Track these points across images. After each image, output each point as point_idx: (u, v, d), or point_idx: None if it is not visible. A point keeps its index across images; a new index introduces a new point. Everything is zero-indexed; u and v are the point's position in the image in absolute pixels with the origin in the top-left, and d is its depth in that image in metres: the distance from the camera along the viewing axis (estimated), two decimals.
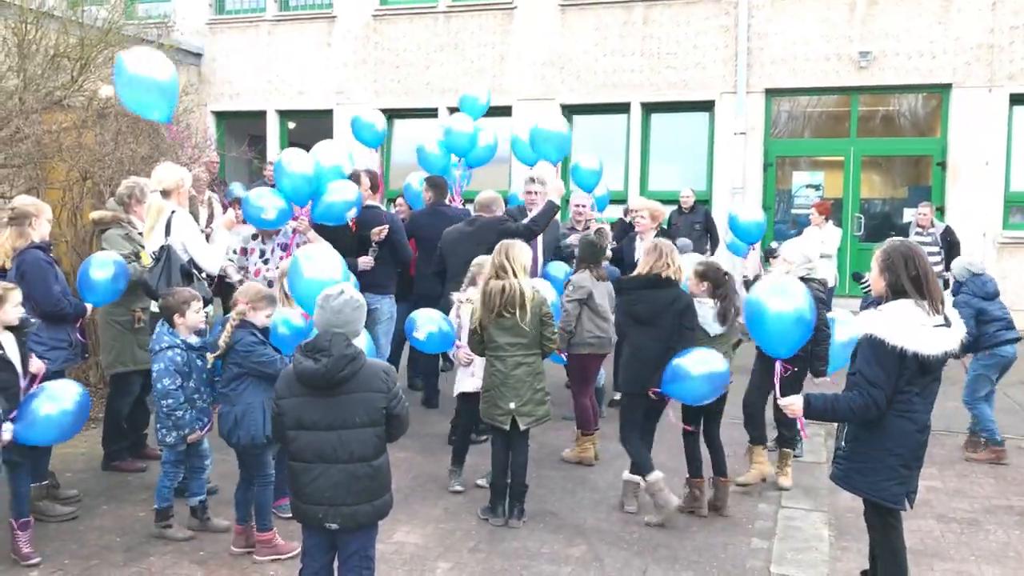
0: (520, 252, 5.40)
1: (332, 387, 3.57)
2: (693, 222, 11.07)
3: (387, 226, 7.03)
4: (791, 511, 5.63)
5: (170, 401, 4.87)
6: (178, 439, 4.97)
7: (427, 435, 6.92)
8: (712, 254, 11.14)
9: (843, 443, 3.98)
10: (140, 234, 5.94)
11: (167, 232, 5.55)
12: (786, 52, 12.79)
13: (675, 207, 11.38)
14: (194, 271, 5.58)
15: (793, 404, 4.01)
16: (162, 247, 5.51)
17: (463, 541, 5.14)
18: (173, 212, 5.61)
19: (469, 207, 7.76)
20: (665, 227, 8.70)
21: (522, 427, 5.39)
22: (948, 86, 12.27)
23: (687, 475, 5.68)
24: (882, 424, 3.78)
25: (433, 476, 6.06)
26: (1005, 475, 6.48)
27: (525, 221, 7.05)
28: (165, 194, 5.66)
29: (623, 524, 5.41)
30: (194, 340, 5.01)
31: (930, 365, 3.72)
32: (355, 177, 7.03)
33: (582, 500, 5.82)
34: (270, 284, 6.58)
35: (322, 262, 4.77)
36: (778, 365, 4.67)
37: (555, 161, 7.84)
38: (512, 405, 5.34)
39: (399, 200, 9.06)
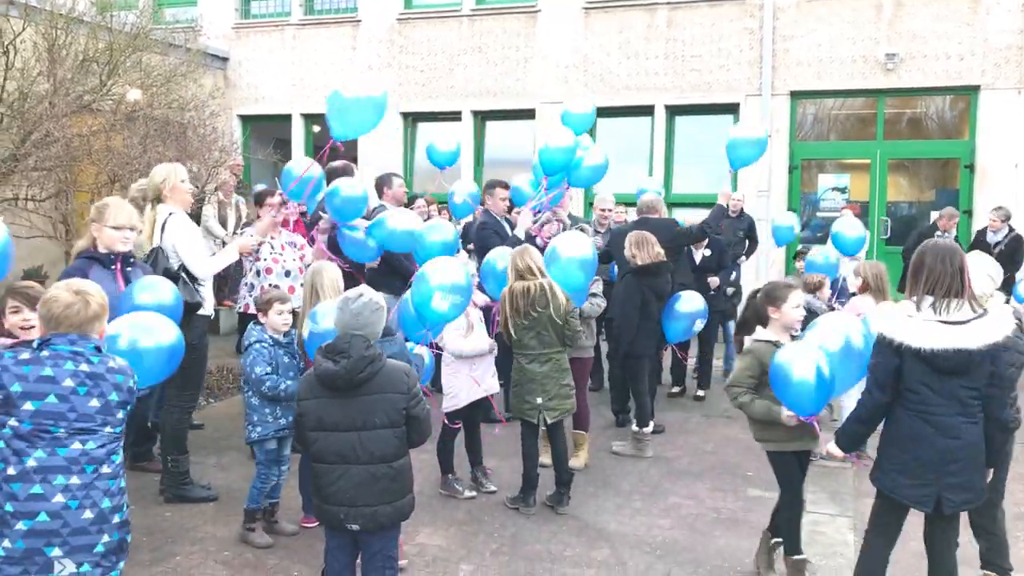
0: (538, 254, 5.72)
1: (352, 388, 3.61)
2: (738, 228, 10.99)
3: None
4: (816, 516, 5.59)
5: (268, 383, 4.90)
6: (264, 434, 4.98)
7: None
8: (747, 259, 11.10)
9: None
10: None
11: (162, 234, 5.53)
12: (811, 54, 12.69)
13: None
14: (183, 275, 5.48)
15: (833, 450, 4.10)
16: (152, 249, 5.51)
17: (486, 543, 5.16)
18: (171, 214, 5.55)
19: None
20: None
21: (549, 421, 5.61)
22: (976, 88, 12.13)
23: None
24: (897, 421, 3.77)
25: (456, 479, 6.07)
26: None
27: (698, 223, 7.70)
28: (158, 200, 5.60)
29: (647, 528, 5.41)
30: (281, 338, 5.08)
31: (935, 361, 3.60)
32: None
33: (605, 503, 5.81)
34: (287, 273, 6.69)
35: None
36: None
37: (736, 168, 7.65)
38: (539, 400, 5.56)
39: (418, 202, 9.04)
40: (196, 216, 8.41)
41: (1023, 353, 4.17)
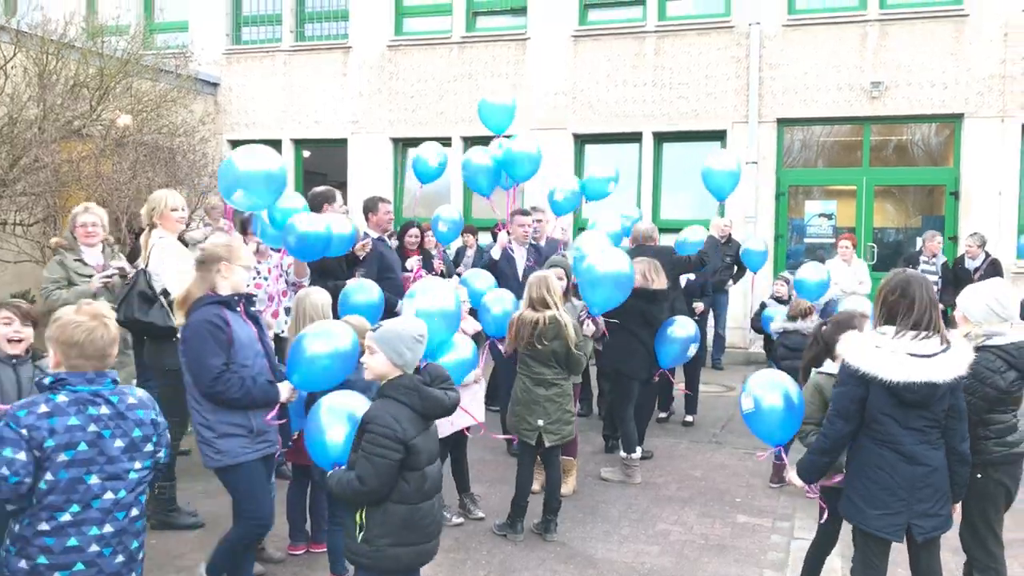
0: (557, 283, 5.79)
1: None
2: (725, 253, 11.04)
3: (370, 239, 7.14)
4: (804, 543, 5.56)
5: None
6: None
7: None
8: (735, 283, 11.19)
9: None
10: (77, 261, 5.94)
11: (149, 258, 5.58)
12: (797, 82, 12.84)
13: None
14: (161, 298, 5.50)
15: (795, 480, 4.08)
16: (136, 271, 5.55)
17: (473, 570, 5.13)
18: (160, 239, 5.63)
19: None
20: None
21: (547, 444, 5.62)
22: (960, 116, 12.28)
23: None
24: (862, 450, 3.77)
25: (444, 505, 6.04)
26: (1021, 508, 6.40)
27: (696, 253, 7.81)
28: (152, 227, 5.68)
29: (635, 555, 5.39)
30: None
31: (901, 393, 3.60)
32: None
33: (592, 530, 5.80)
34: (271, 298, 6.68)
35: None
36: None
37: (722, 199, 8.11)
38: (540, 422, 5.58)
39: (412, 231, 9.00)
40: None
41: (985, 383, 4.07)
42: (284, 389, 4.28)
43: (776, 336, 7.70)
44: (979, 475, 4.10)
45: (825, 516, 4.32)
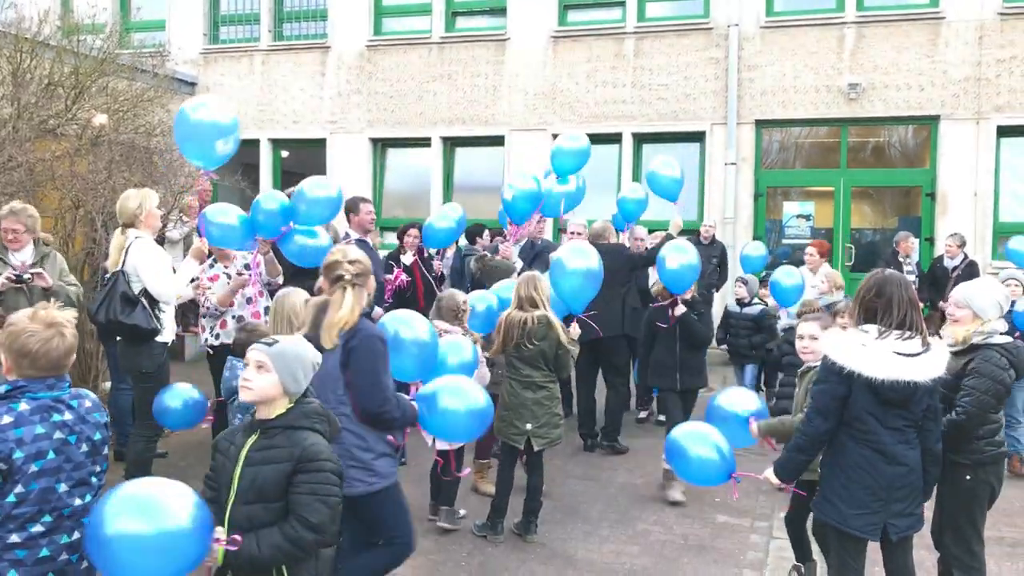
0: (546, 284, 5.74)
1: None
2: (711, 255, 11.02)
3: (352, 240, 7.08)
4: (783, 542, 5.59)
5: None
6: None
7: (417, 466, 6.90)
8: (718, 290, 11.19)
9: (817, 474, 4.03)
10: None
11: (126, 258, 5.51)
12: (776, 84, 12.91)
13: (691, 237, 11.19)
14: (142, 300, 5.46)
15: (771, 477, 4.09)
16: (112, 273, 5.49)
17: (454, 572, 5.12)
18: (137, 238, 5.54)
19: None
20: None
21: (536, 448, 5.60)
22: (936, 118, 12.39)
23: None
24: (843, 449, 3.77)
25: (423, 507, 6.02)
26: (997, 506, 6.40)
27: (645, 252, 8.00)
28: (128, 225, 5.58)
29: (615, 555, 5.39)
30: None
31: (883, 392, 3.62)
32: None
33: (572, 531, 5.79)
34: (248, 300, 6.59)
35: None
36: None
37: (674, 200, 8.33)
38: (529, 426, 5.55)
39: (412, 231, 8.75)
40: (162, 240, 8.37)
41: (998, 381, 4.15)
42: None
43: (782, 333, 7.87)
44: (968, 476, 4.15)
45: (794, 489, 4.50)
